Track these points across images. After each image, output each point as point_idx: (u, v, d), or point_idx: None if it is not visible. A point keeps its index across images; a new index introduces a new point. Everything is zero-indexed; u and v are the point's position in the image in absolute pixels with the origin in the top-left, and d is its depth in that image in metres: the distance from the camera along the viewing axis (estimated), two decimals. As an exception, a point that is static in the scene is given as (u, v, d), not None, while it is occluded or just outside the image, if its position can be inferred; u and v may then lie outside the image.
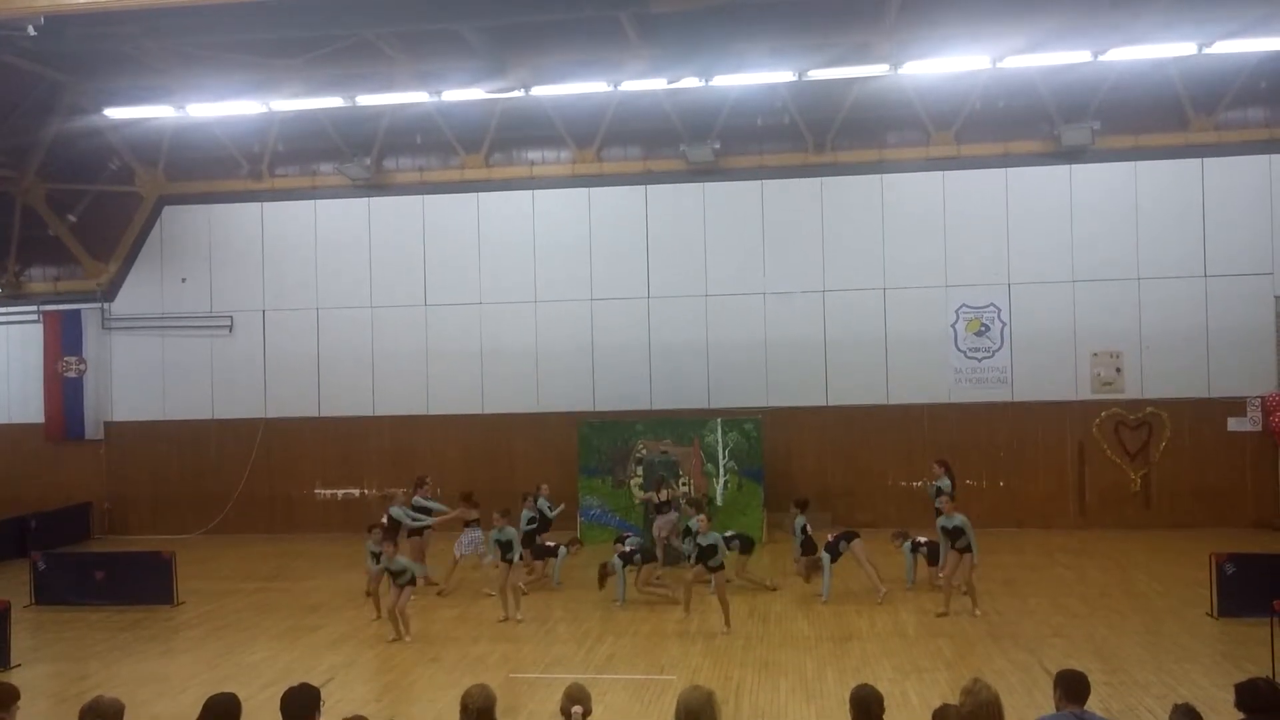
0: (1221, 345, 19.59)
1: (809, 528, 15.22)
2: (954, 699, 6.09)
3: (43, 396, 22.94)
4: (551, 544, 16.23)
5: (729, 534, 15.21)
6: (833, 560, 14.53)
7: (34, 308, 23.15)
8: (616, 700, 10.43)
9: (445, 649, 12.69)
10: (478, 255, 21.68)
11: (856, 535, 14.79)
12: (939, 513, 15.32)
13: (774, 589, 15.21)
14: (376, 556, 13.93)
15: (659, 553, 16.21)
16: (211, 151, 22.09)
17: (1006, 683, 10.17)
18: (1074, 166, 20.12)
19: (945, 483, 15.75)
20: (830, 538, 14.81)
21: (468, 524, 16.15)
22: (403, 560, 13.41)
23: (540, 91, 19.14)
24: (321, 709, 6.17)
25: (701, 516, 14.23)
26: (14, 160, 21.92)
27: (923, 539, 15.14)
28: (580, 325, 21.29)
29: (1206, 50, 17.04)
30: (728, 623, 13.13)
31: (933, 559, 14.94)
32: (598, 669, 11.59)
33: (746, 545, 15.37)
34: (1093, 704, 6.50)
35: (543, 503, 16.84)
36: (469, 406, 21.60)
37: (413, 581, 13.35)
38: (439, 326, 21.74)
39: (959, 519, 13.68)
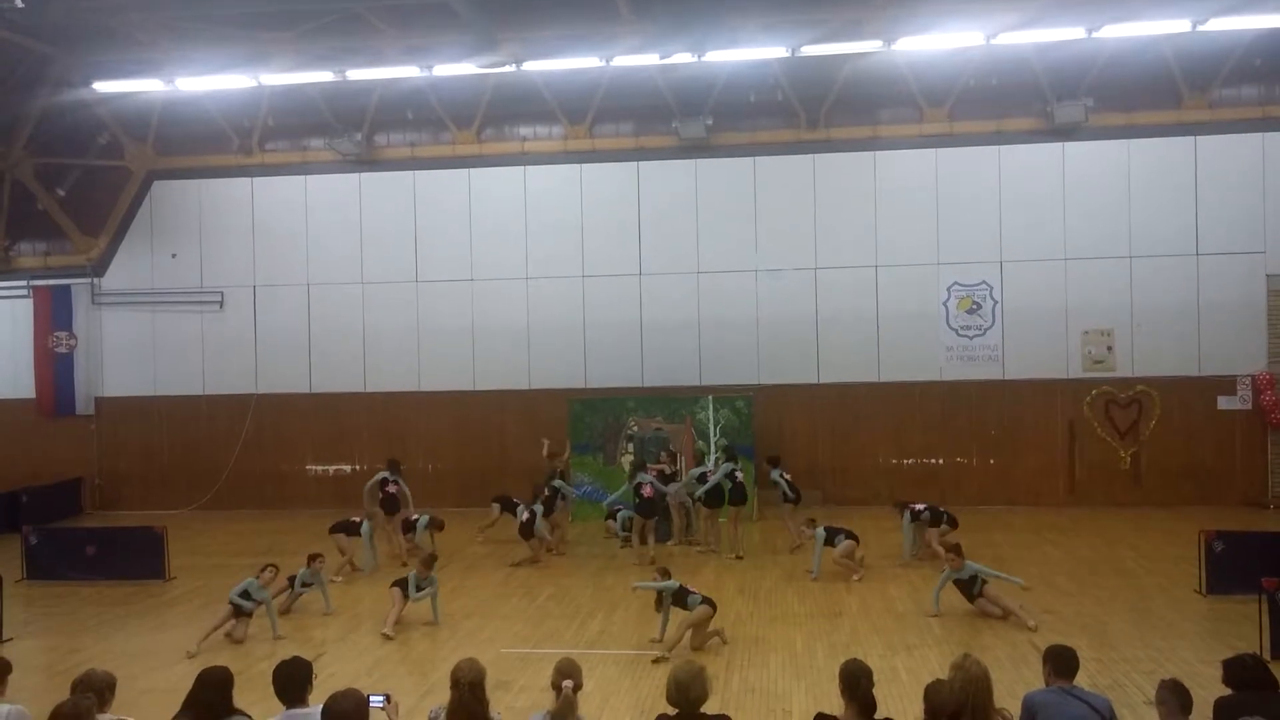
0: (1212, 323, 19.64)
1: (786, 475, 17.05)
2: (944, 674, 6.13)
3: (33, 372, 22.86)
4: (415, 516, 16.71)
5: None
6: (826, 543, 14.54)
7: (23, 283, 23.00)
8: (607, 674, 10.50)
9: (434, 626, 12.72)
10: (469, 231, 21.60)
11: (855, 540, 14.68)
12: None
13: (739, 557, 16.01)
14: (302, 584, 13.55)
15: (674, 518, 17.18)
16: (201, 126, 21.92)
17: (995, 658, 10.26)
18: (1067, 144, 20.07)
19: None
20: (830, 526, 14.84)
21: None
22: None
23: (532, 67, 19.01)
24: (313, 683, 6.19)
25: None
26: (2, 134, 21.72)
27: (920, 505, 15.57)
28: (572, 302, 21.25)
29: (1200, 28, 16.98)
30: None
31: (934, 520, 15.44)
32: (589, 644, 11.65)
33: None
34: (1081, 680, 6.57)
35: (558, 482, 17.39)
36: (460, 383, 21.57)
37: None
38: (430, 303, 21.68)
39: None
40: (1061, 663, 6.37)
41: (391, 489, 17.22)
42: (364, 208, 21.95)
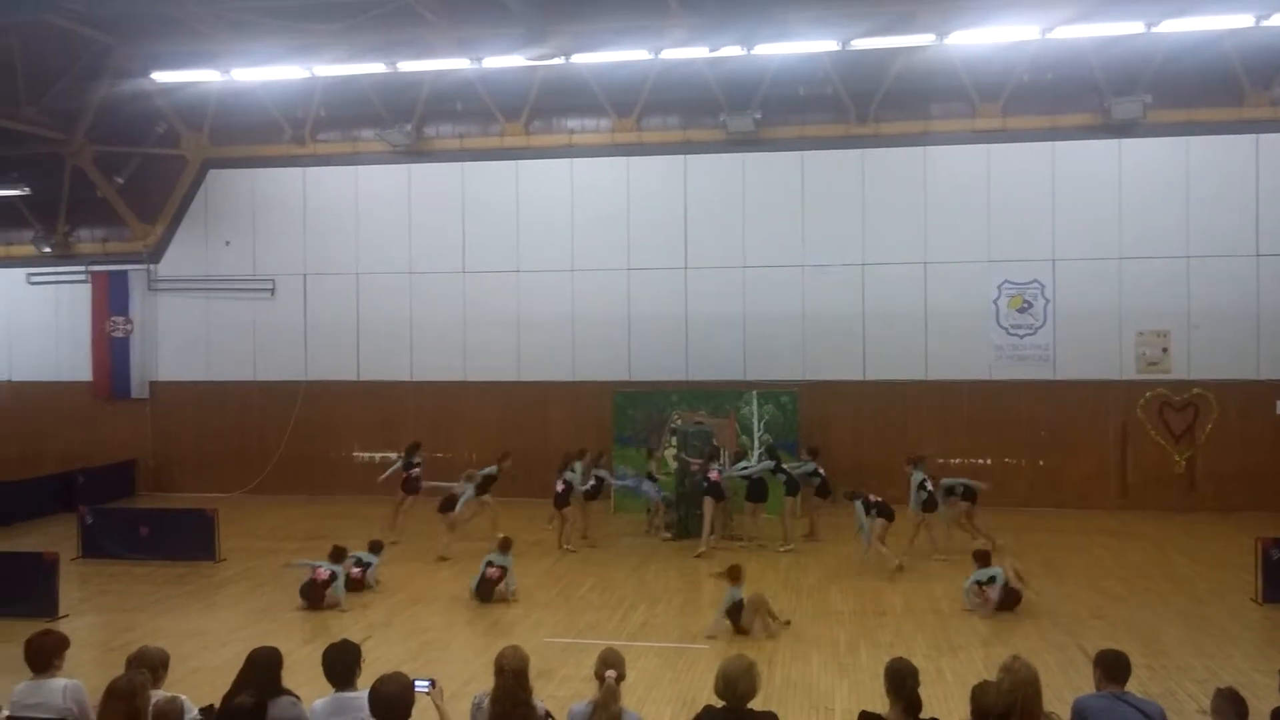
0: (1272, 326, 19.18)
1: (822, 470, 16.98)
2: (989, 676, 6.06)
3: (90, 355, 23.37)
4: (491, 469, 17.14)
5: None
6: (866, 515, 14.88)
7: (82, 268, 23.54)
8: (649, 667, 10.50)
9: (479, 612, 12.83)
10: (516, 223, 21.70)
11: (890, 516, 14.87)
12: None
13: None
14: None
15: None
16: (255, 116, 22.23)
17: (1043, 662, 10.07)
18: (1123, 141, 19.71)
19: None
20: (873, 498, 15.03)
21: (650, 477, 17.96)
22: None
23: (580, 59, 19.02)
24: (361, 666, 6.27)
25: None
26: (64, 123, 22.18)
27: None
28: (617, 295, 21.27)
29: (1264, 22, 16.56)
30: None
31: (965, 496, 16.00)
32: (631, 636, 11.67)
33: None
34: (1132, 686, 6.45)
35: (578, 468, 17.21)
36: (505, 374, 21.70)
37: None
38: (476, 294, 21.82)
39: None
40: (1113, 668, 6.27)
41: (415, 471, 17.80)
42: (413, 198, 22.14)
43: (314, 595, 12.98)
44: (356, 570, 13.82)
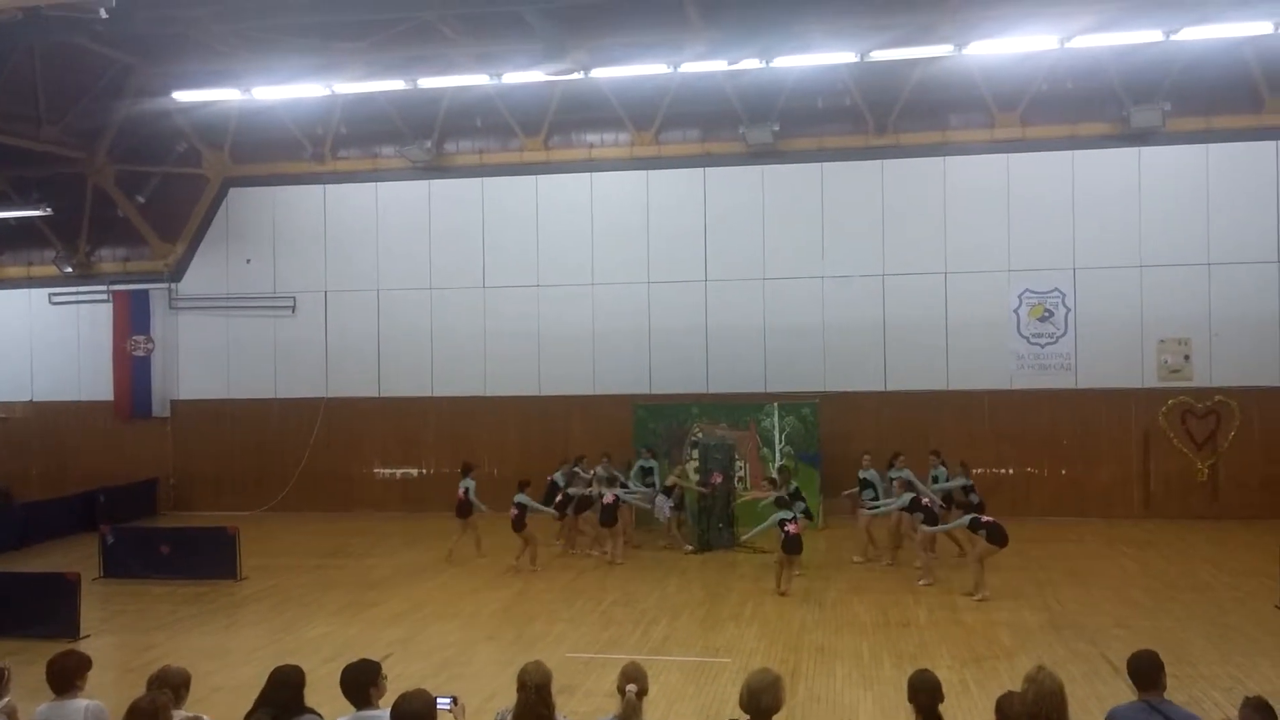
0: (1295, 333, 19.02)
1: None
2: (1013, 687, 6.00)
3: (112, 374, 23.53)
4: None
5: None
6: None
7: (103, 287, 23.73)
8: (671, 681, 10.46)
9: (501, 628, 12.83)
10: (536, 238, 21.76)
11: (914, 510, 15.25)
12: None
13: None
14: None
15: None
16: (276, 134, 22.41)
17: (1068, 673, 9.97)
18: (1143, 149, 19.62)
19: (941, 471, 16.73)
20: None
21: (665, 491, 18.00)
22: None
23: (600, 74, 19.06)
24: (381, 683, 6.24)
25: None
26: (85, 142, 22.41)
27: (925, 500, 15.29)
28: (637, 308, 21.29)
29: (1284, 28, 16.45)
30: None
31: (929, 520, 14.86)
32: (653, 650, 11.62)
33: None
34: (1157, 696, 6.35)
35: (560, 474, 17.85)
36: (526, 388, 21.73)
37: None
38: (497, 308, 21.88)
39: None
40: (1138, 675, 6.15)
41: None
42: (433, 214, 22.24)
43: (465, 510, 16.16)
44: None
